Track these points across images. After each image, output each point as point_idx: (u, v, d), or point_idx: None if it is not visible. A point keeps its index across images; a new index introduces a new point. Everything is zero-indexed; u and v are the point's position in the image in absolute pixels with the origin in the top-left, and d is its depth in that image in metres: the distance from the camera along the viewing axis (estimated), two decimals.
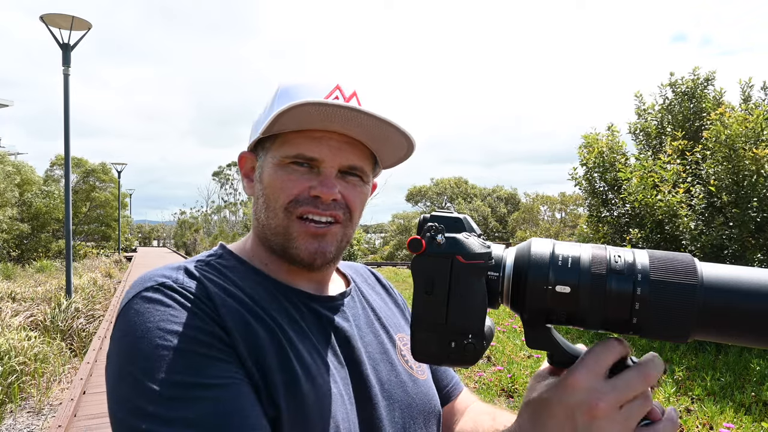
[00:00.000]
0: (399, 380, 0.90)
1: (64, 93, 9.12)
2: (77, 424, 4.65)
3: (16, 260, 21.54)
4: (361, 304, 0.98)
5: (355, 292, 1.00)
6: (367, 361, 0.88)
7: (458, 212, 0.64)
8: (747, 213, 6.21)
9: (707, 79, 8.20)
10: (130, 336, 0.71)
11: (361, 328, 0.92)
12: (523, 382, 5.32)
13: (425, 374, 0.97)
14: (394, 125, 0.81)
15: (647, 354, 0.59)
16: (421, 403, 0.91)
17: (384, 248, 35.46)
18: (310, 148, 0.83)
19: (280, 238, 0.85)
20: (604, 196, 8.14)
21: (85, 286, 11.88)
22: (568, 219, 29.99)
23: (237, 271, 0.86)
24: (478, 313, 0.60)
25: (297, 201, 0.83)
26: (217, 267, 0.85)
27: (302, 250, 0.84)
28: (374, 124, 0.81)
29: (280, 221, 0.85)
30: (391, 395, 0.88)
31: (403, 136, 0.84)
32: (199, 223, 49.15)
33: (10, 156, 25.82)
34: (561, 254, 0.58)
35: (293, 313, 0.85)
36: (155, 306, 0.73)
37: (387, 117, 0.81)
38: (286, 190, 0.84)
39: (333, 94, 0.83)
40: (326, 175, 0.84)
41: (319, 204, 0.83)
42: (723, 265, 0.56)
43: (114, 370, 0.72)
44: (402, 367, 0.93)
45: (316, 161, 0.84)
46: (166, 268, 0.81)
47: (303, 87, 0.85)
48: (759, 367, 5.17)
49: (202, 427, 0.66)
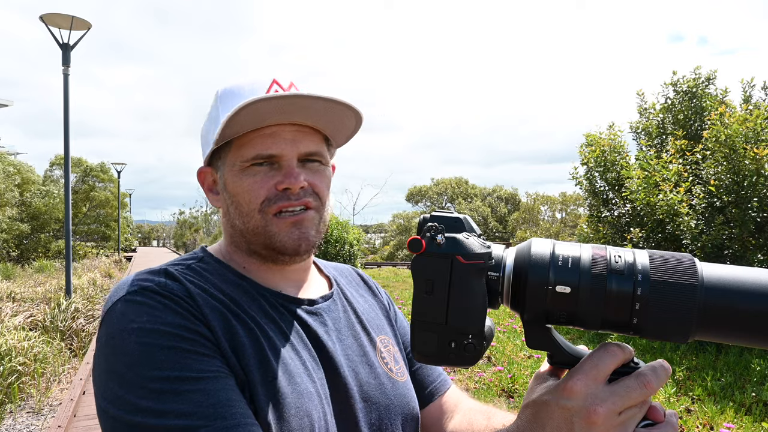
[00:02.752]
0: (377, 382, 0.91)
1: (64, 93, 9.12)
2: (77, 424, 4.65)
3: (15, 260, 21.55)
4: (342, 306, 0.99)
5: (337, 294, 1.01)
6: (344, 363, 0.89)
7: (458, 212, 0.64)
8: (747, 213, 6.21)
9: (708, 78, 8.20)
10: (116, 338, 0.73)
11: (340, 331, 0.93)
12: (523, 383, 5.32)
13: (405, 376, 0.98)
14: (335, 100, 0.84)
15: (655, 361, 0.59)
16: (399, 404, 0.92)
17: (384, 248, 35.46)
18: (265, 146, 0.85)
19: (261, 237, 0.87)
20: (605, 196, 8.14)
21: (84, 286, 11.88)
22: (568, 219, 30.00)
23: (217, 274, 0.88)
24: (478, 314, 0.60)
25: (269, 200, 0.86)
26: (197, 270, 0.87)
27: (286, 240, 0.86)
28: (319, 105, 0.84)
29: (257, 222, 0.87)
30: (369, 396, 0.89)
31: (347, 108, 0.86)
32: (199, 223, 49.15)
33: (9, 156, 25.80)
34: (561, 254, 0.58)
35: (272, 313, 0.86)
36: (139, 307, 0.75)
37: (327, 94, 0.83)
38: (255, 192, 0.85)
39: (272, 88, 0.87)
40: (289, 167, 0.86)
41: (290, 196, 0.86)
42: (723, 265, 0.56)
43: (102, 370, 0.73)
44: (381, 369, 0.94)
45: (275, 157, 0.86)
46: (144, 272, 0.82)
47: (241, 89, 0.88)
48: (759, 367, 5.17)
49: (194, 416, 0.68)
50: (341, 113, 0.87)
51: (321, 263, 1.09)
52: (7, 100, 32.13)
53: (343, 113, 0.87)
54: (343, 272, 1.12)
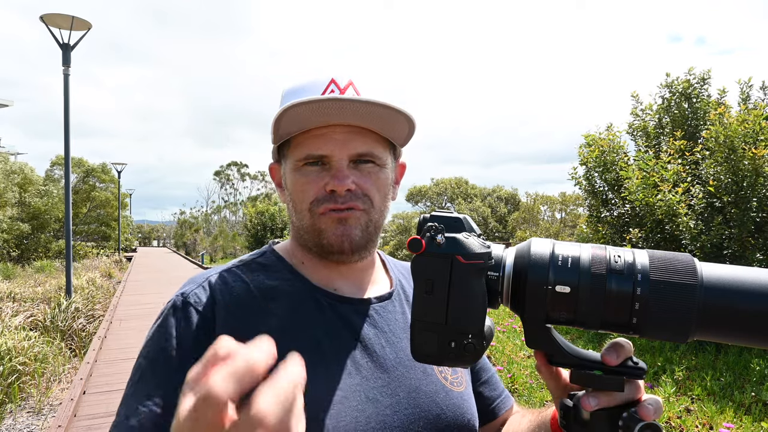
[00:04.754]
0: (429, 389, 0.88)
1: (64, 93, 9.12)
2: (77, 424, 4.65)
3: (16, 260, 21.53)
4: (402, 307, 0.97)
5: (398, 294, 0.99)
6: (394, 367, 0.87)
7: (458, 212, 0.64)
8: (747, 213, 6.21)
9: (702, 78, 8.18)
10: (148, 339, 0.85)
11: (395, 333, 0.91)
12: (523, 382, 5.32)
13: (462, 386, 0.94)
14: (384, 104, 0.83)
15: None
16: (453, 415, 0.88)
17: (384, 248, 35.48)
18: (316, 147, 0.86)
19: (312, 235, 0.89)
20: (604, 196, 8.13)
21: (84, 286, 11.88)
22: (568, 219, 30.00)
23: (272, 270, 0.92)
24: (478, 313, 0.60)
25: (317, 200, 0.87)
26: (253, 267, 0.93)
27: (330, 236, 0.87)
28: (368, 109, 0.83)
29: (308, 221, 0.89)
30: (418, 404, 0.85)
31: (398, 113, 0.85)
32: (199, 223, 49.17)
33: (10, 156, 25.79)
34: (561, 254, 0.58)
35: (317, 313, 0.87)
36: (168, 320, 0.84)
37: (376, 98, 0.83)
38: (306, 193, 0.88)
39: (329, 88, 0.87)
40: (337, 168, 0.86)
41: (336, 198, 0.86)
42: (723, 265, 0.56)
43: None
44: (435, 376, 0.91)
45: (326, 157, 0.87)
46: (200, 276, 0.91)
47: (301, 89, 0.88)
48: (759, 367, 5.16)
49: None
50: (393, 117, 0.86)
51: (390, 262, 1.07)
52: (8, 100, 32.15)
53: (391, 116, 0.86)
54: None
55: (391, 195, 0.94)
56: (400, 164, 0.99)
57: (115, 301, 11.44)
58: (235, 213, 53.06)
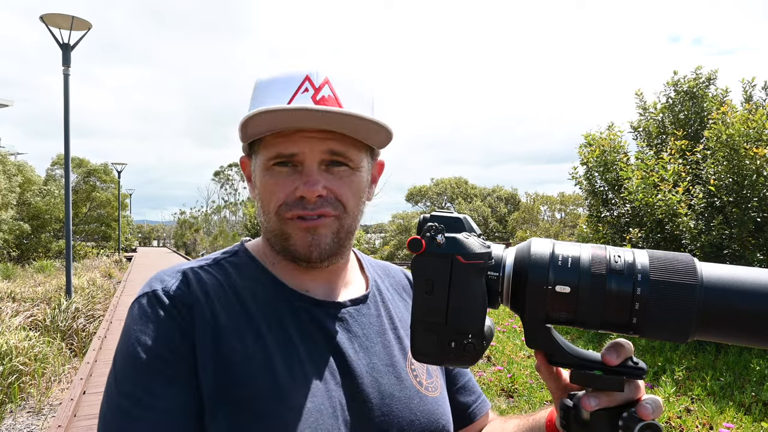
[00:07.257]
0: (403, 395, 0.86)
1: (64, 93, 9.12)
2: (77, 424, 4.65)
3: (16, 260, 21.53)
4: (377, 310, 0.94)
5: (374, 297, 0.96)
6: (367, 372, 0.85)
7: (458, 212, 0.64)
8: (747, 213, 6.21)
9: (709, 78, 8.18)
10: (120, 337, 0.81)
11: (369, 337, 0.89)
12: (523, 382, 5.32)
13: (437, 391, 0.92)
14: (358, 116, 0.79)
15: None
16: (426, 421, 0.86)
17: (384, 248, 35.44)
18: (285, 146, 0.82)
19: (279, 239, 0.86)
20: (605, 196, 8.13)
21: (84, 286, 11.88)
22: (568, 219, 29.97)
23: (244, 271, 0.88)
24: (478, 313, 0.60)
25: (286, 204, 0.83)
26: (225, 266, 0.88)
27: (298, 245, 0.84)
28: (341, 117, 0.79)
29: (275, 224, 0.85)
30: (391, 410, 0.84)
31: (373, 123, 0.80)
32: (199, 223, 49.15)
33: (10, 156, 25.79)
34: (561, 254, 0.58)
35: (290, 318, 0.84)
36: (141, 315, 0.80)
37: (349, 110, 0.78)
38: (275, 194, 0.83)
39: (303, 86, 0.82)
40: (308, 171, 0.82)
41: (306, 204, 0.82)
42: (723, 265, 0.56)
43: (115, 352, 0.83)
44: (410, 381, 0.89)
45: (296, 156, 0.82)
46: (169, 270, 0.86)
47: (274, 83, 0.84)
48: (759, 367, 5.16)
49: None
50: (364, 125, 0.81)
51: (366, 261, 1.04)
52: (8, 100, 32.13)
53: (366, 124, 0.81)
54: (390, 273, 1.06)
55: (366, 197, 0.90)
56: (378, 162, 0.94)
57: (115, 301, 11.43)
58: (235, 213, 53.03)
